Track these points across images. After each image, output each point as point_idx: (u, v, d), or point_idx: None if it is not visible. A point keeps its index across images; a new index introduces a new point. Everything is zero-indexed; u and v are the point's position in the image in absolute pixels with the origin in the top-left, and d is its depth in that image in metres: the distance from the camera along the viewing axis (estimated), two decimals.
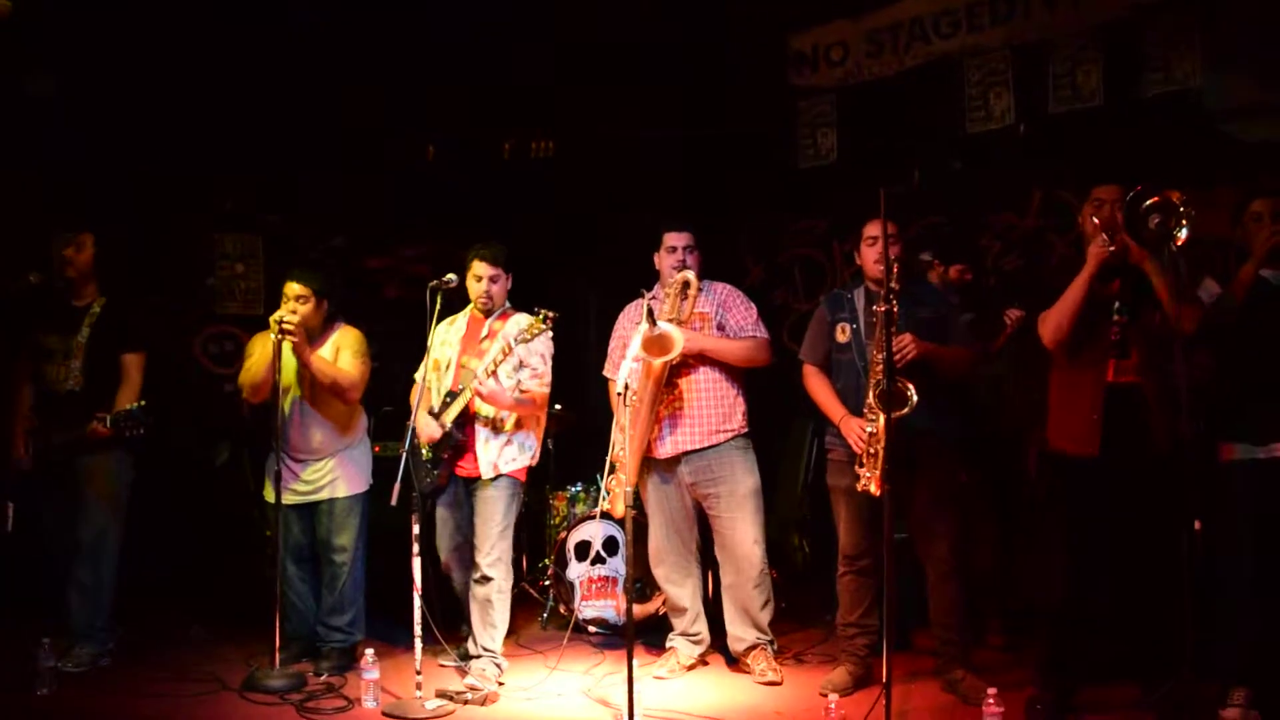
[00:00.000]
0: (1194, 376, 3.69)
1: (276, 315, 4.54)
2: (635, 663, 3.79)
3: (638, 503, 4.84)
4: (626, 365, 4.09)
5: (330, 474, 4.79)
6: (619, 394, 3.88)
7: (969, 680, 4.14)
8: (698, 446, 4.53)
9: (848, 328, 4.33)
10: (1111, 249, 3.69)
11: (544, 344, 4.56)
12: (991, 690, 3.66)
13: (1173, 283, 3.53)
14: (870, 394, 4.02)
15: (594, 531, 5.34)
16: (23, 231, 5.27)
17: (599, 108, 6.65)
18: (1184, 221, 3.43)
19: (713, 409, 4.54)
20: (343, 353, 4.80)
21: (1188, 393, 3.45)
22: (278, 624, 4.48)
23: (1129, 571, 4.07)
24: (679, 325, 4.42)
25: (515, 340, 4.32)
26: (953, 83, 6.11)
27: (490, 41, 6.29)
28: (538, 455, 4.72)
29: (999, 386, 5.00)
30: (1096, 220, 3.84)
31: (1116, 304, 3.79)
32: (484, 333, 4.64)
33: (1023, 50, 5.89)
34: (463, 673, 4.49)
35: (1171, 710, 3.69)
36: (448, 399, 4.53)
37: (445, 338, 4.66)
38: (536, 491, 6.01)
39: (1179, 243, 3.44)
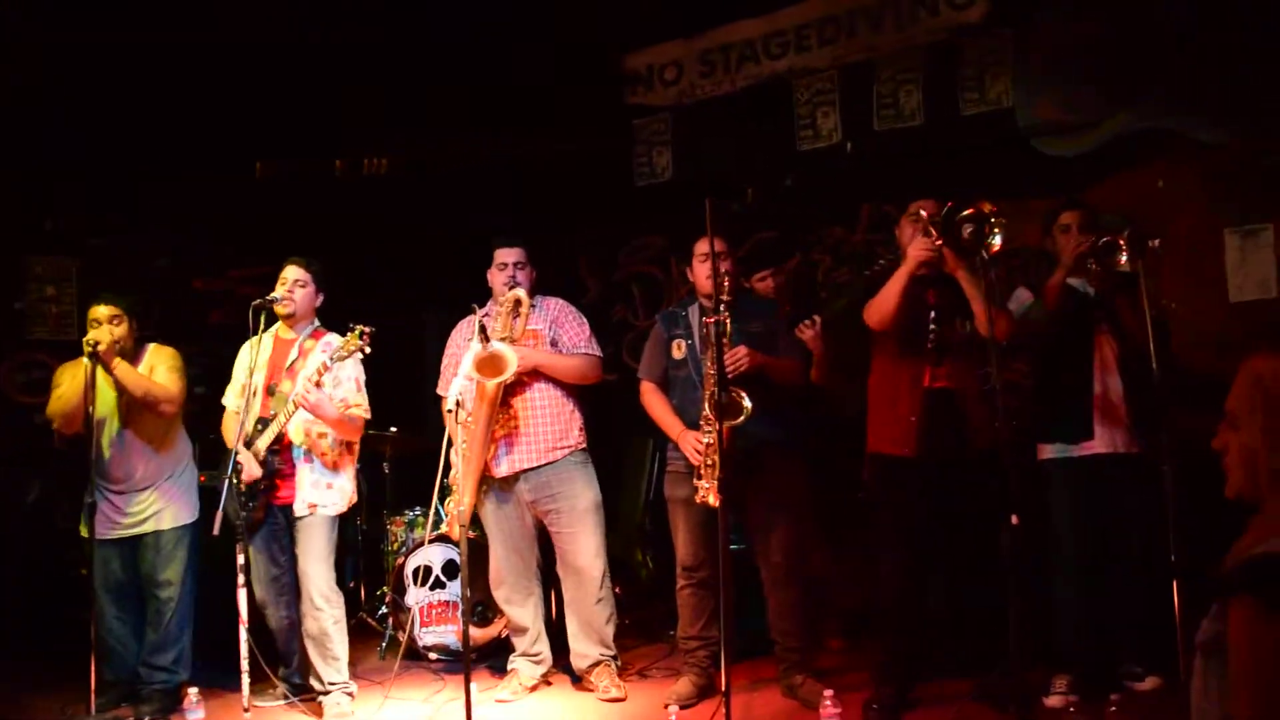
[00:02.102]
0: (1010, 381, 3.86)
1: (89, 338, 4.30)
2: (477, 686, 3.73)
3: (476, 523, 4.77)
4: (458, 382, 4.01)
5: (155, 505, 4.56)
6: (449, 411, 3.80)
7: (808, 684, 4.20)
8: (536, 464, 4.48)
9: (683, 344, 4.37)
10: (930, 250, 3.82)
11: (354, 367, 4.43)
12: (828, 692, 3.73)
13: (985, 291, 3.67)
14: (705, 405, 4.06)
15: (433, 556, 5.22)
16: None
17: (433, 125, 6.57)
18: (996, 230, 3.58)
19: (549, 426, 4.50)
20: (157, 370, 4.59)
21: (1003, 396, 3.59)
22: (93, 668, 4.22)
23: (956, 569, 4.23)
24: (511, 344, 4.37)
25: (333, 358, 4.19)
26: (783, 102, 6.27)
27: (321, 59, 6.13)
28: (354, 497, 4.58)
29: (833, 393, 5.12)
30: (914, 230, 3.99)
31: (932, 313, 3.95)
32: (294, 354, 4.48)
33: (849, 71, 6.08)
34: (303, 710, 4.32)
35: (1001, 700, 3.83)
36: (259, 426, 4.36)
37: (251, 363, 4.41)
38: (373, 518, 5.85)
39: (992, 250, 3.58)
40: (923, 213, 3.91)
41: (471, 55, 6.27)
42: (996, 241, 3.57)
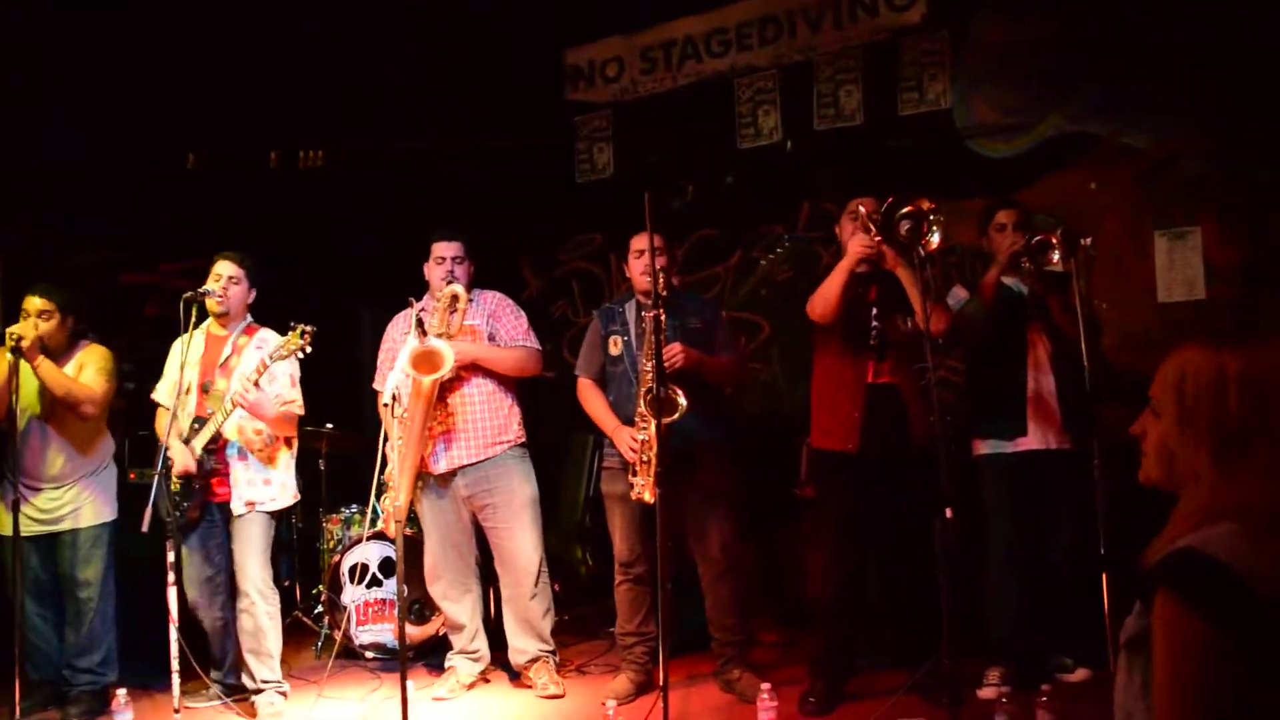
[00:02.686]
0: (944, 378, 3.91)
1: (13, 330, 4.19)
2: (415, 685, 3.70)
3: (415, 521, 4.72)
4: (394, 376, 3.97)
5: (72, 502, 4.45)
6: (385, 405, 3.75)
7: (746, 678, 4.21)
8: (474, 460, 4.45)
9: (619, 340, 4.36)
10: (869, 246, 3.86)
11: (289, 364, 4.35)
12: (765, 686, 3.74)
13: (922, 287, 3.71)
14: (641, 401, 4.05)
15: (369, 553, 5.16)
16: None
17: (372, 118, 6.49)
18: (934, 227, 3.62)
19: (488, 421, 4.47)
20: (86, 369, 4.48)
21: (938, 391, 3.64)
22: (17, 670, 4.11)
23: (893, 561, 4.28)
24: (448, 339, 4.34)
25: (272, 357, 4.12)
26: (724, 100, 6.29)
27: (262, 47, 6.03)
28: (296, 492, 4.53)
29: (770, 390, 5.16)
30: (854, 226, 4.02)
31: (874, 309, 3.99)
32: (227, 350, 4.40)
33: (789, 70, 6.12)
34: (237, 711, 4.25)
35: (933, 692, 3.88)
36: (196, 425, 4.28)
37: (181, 359, 4.32)
38: (309, 515, 5.76)
39: (931, 247, 3.63)
40: (862, 209, 3.95)
41: (411, 50, 6.21)
42: (935, 238, 3.61)
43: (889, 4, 5.80)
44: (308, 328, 4.10)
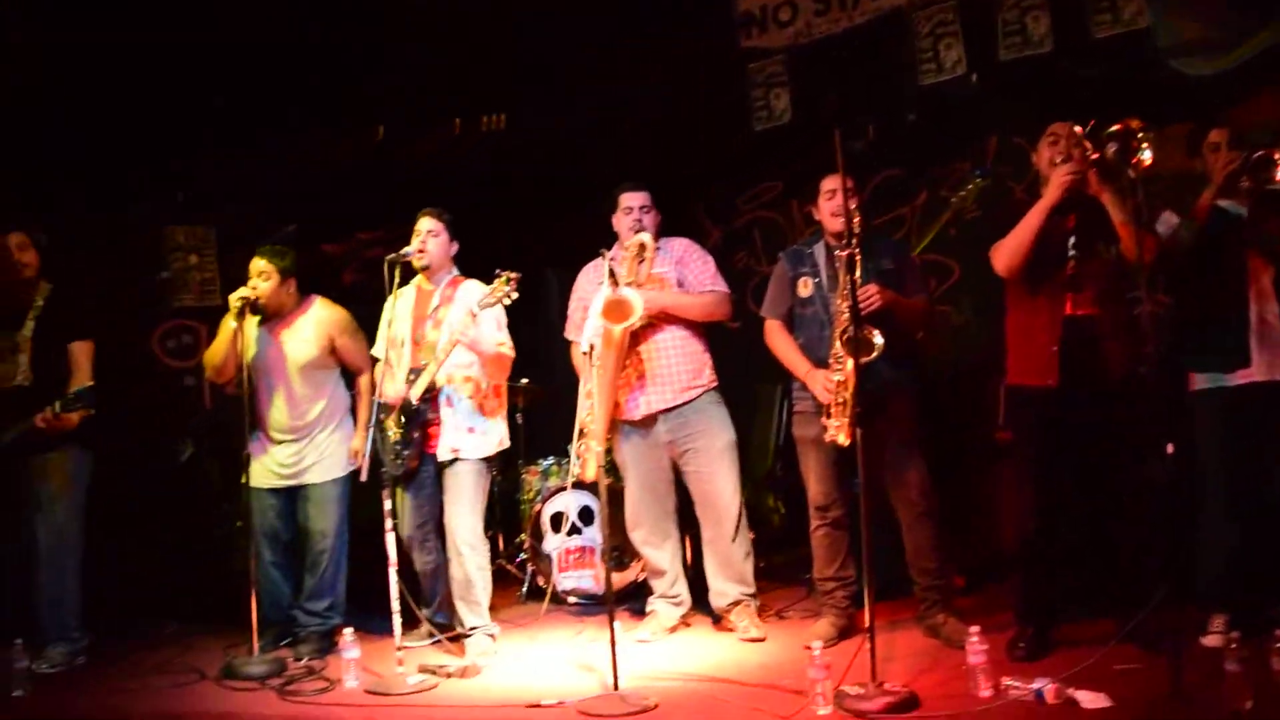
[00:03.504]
0: (1154, 308, 3.72)
1: (236, 293, 4.50)
2: (617, 628, 3.78)
3: (613, 470, 4.82)
4: (590, 324, 4.06)
5: (311, 457, 4.73)
6: (584, 353, 3.84)
7: (951, 624, 4.15)
8: (672, 404, 4.52)
9: (810, 281, 4.32)
10: (1075, 173, 3.69)
11: (496, 311, 4.48)
12: (974, 629, 3.67)
13: (1131, 212, 3.54)
14: (837, 342, 4.02)
15: (568, 502, 5.31)
16: None
17: (551, 77, 6.58)
18: (1145, 145, 3.43)
19: (682, 366, 4.53)
20: (339, 339, 4.78)
21: (1151, 322, 3.47)
22: (254, 610, 4.43)
23: (1098, 501, 4.10)
24: (637, 288, 4.39)
25: (480, 305, 4.26)
26: (903, 36, 6.10)
27: (439, 15, 6.19)
28: (505, 440, 4.67)
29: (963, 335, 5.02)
30: (1053, 153, 3.85)
31: (1072, 239, 3.82)
32: (435, 302, 4.58)
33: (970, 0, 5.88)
34: (448, 649, 4.47)
35: (1152, 639, 3.72)
36: (411, 376, 4.48)
37: (394, 314, 4.57)
38: (508, 468, 5.97)
39: (1144, 165, 3.44)
40: (1076, 129, 3.75)
41: (587, 6, 6.25)
42: (1147, 156, 3.42)
43: None
44: (512, 274, 4.22)
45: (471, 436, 4.50)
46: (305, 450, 4.74)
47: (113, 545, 5.10)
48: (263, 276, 4.65)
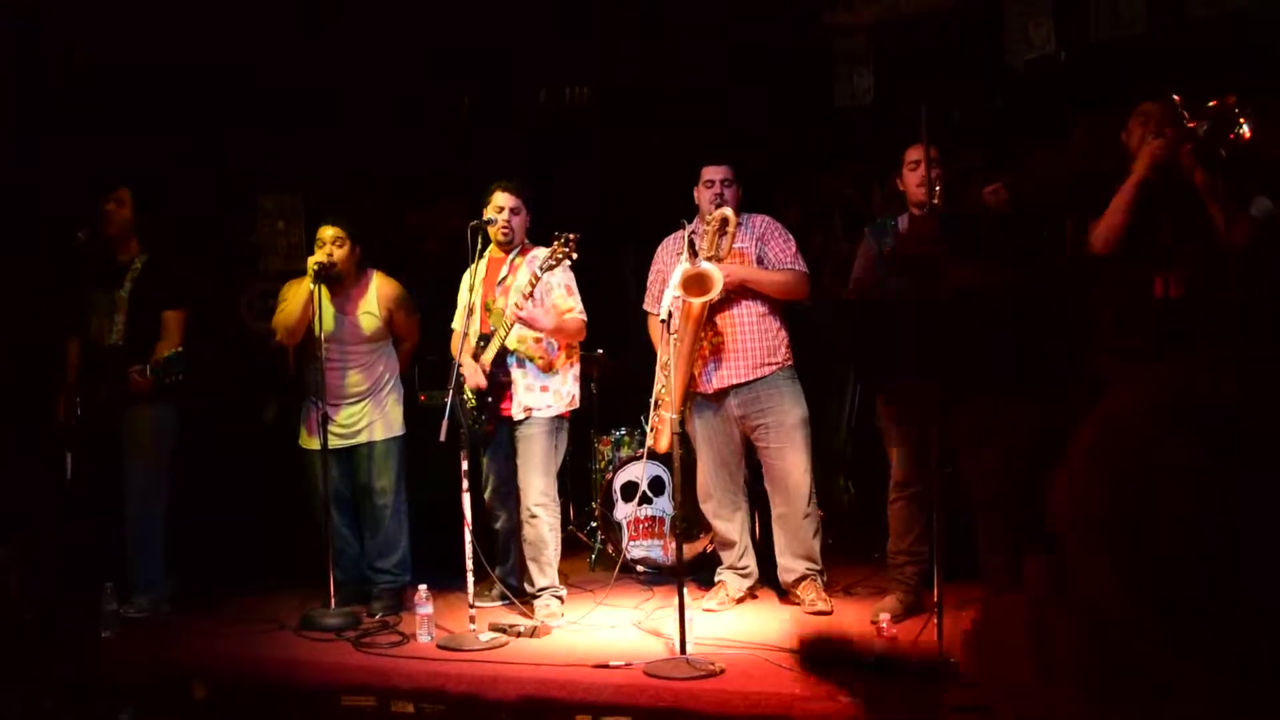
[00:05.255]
0: (1247, 292, 3.63)
1: (314, 259, 4.60)
2: (684, 594, 3.82)
3: (685, 442, 4.85)
4: (669, 294, 4.09)
5: (368, 416, 4.85)
6: (663, 322, 3.87)
7: None
8: (745, 379, 4.53)
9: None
10: (1165, 149, 3.62)
11: (563, 274, 4.55)
12: None
13: (1225, 193, 3.46)
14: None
15: (639, 472, 5.36)
16: (73, 192, 5.33)
17: (635, 50, 6.60)
18: (1244, 120, 3.36)
19: (757, 342, 4.54)
20: (396, 313, 4.90)
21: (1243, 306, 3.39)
22: (330, 565, 4.55)
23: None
24: (717, 262, 4.41)
25: (541, 268, 4.32)
26: (991, 15, 6.00)
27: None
28: (576, 400, 4.73)
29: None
30: (1144, 131, 3.78)
31: (1163, 218, 3.75)
32: (504, 271, 4.66)
33: None
34: (519, 610, 4.56)
35: None
36: (481, 343, 4.57)
37: (469, 283, 4.67)
38: (580, 436, 6.03)
39: (1244, 139, 3.37)
40: (1174, 98, 3.67)
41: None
42: (1246, 130, 3.35)
43: None
44: (571, 235, 4.27)
45: (545, 395, 4.59)
46: (366, 410, 4.86)
47: (199, 497, 5.25)
48: (336, 243, 4.75)
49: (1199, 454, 0.84)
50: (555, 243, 4.30)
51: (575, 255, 4.31)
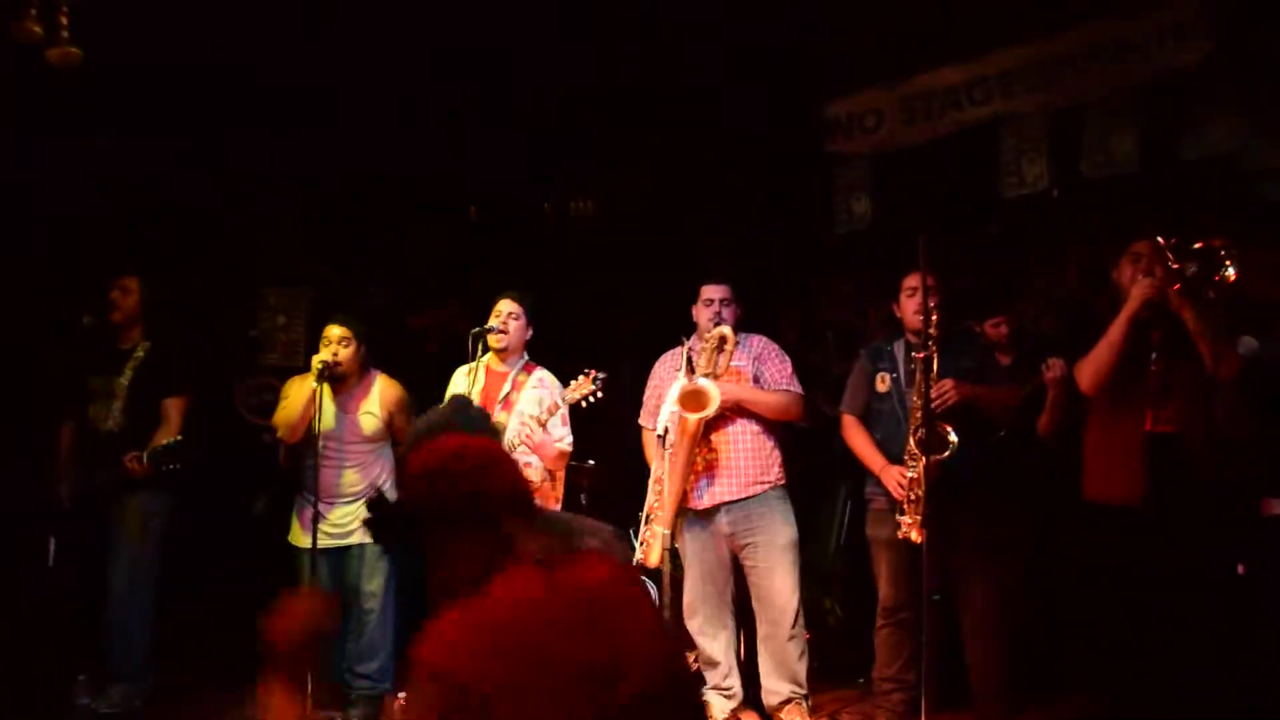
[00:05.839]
0: (1234, 427, 3.68)
1: (319, 357, 4.63)
2: None
3: (675, 558, 4.83)
4: (666, 409, 4.12)
5: (361, 519, 4.82)
6: (659, 436, 3.89)
7: None
8: (737, 497, 4.53)
9: (888, 377, 4.36)
10: (1156, 287, 3.70)
11: (564, 407, 4.61)
12: None
13: (1213, 329, 3.53)
14: (910, 440, 4.03)
15: None
16: (77, 277, 5.40)
17: (640, 168, 6.76)
18: (1229, 262, 3.45)
19: (751, 460, 4.55)
20: (398, 416, 4.90)
21: (1230, 440, 3.43)
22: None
23: (1176, 625, 3.99)
24: (714, 380, 4.46)
25: (564, 399, 4.38)
26: (987, 148, 6.17)
27: (529, 103, 6.40)
28: None
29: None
30: (1135, 270, 3.87)
31: (1154, 354, 3.81)
32: (507, 387, 4.69)
33: (1056, 115, 5.94)
34: None
35: None
36: None
37: (468, 389, 4.65)
38: None
39: (1229, 281, 3.45)
40: (1158, 239, 3.76)
41: (679, 99, 6.43)
42: (1231, 273, 3.44)
43: (1168, 43, 5.54)
44: (600, 374, 4.33)
45: None
46: (354, 511, 4.81)
47: (186, 589, 5.19)
48: (343, 344, 4.78)
49: None
50: (584, 378, 4.37)
51: (600, 395, 4.39)
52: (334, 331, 4.79)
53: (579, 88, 6.36)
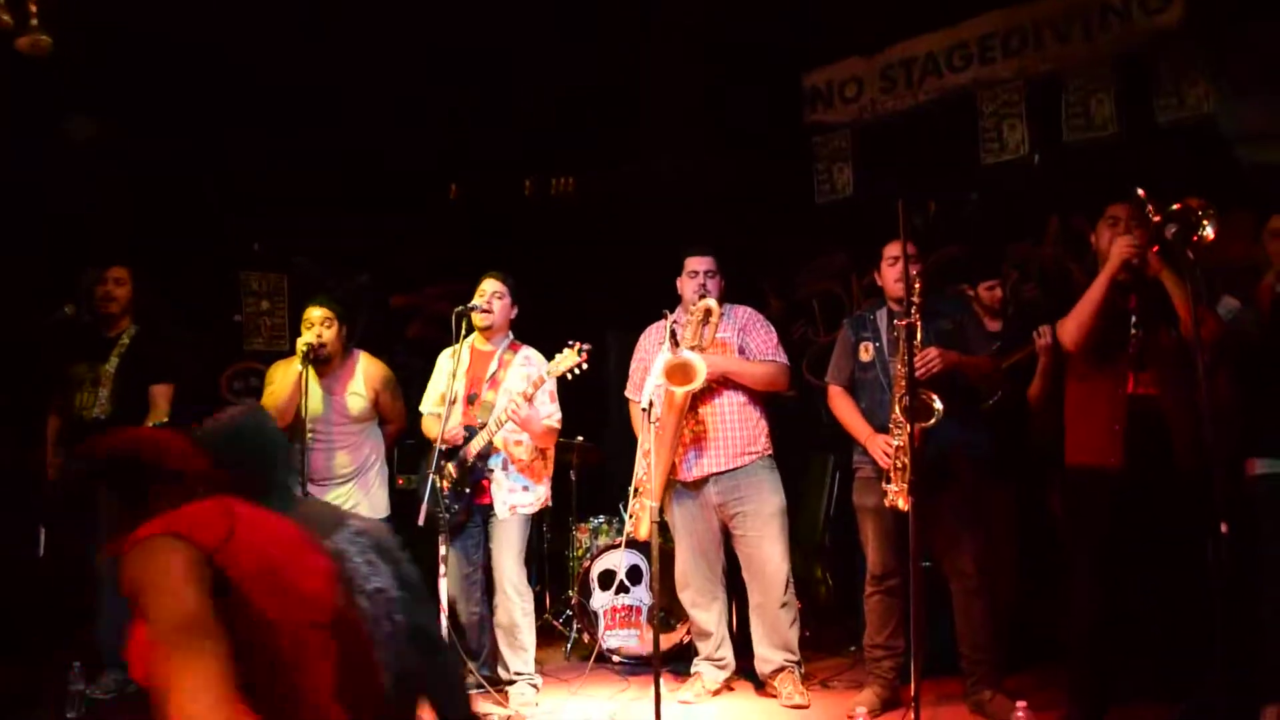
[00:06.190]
0: (1214, 391, 3.69)
1: (303, 339, 4.62)
2: (660, 686, 3.79)
3: (664, 531, 4.86)
4: (650, 383, 4.13)
5: (354, 499, 4.83)
6: (643, 410, 3.91)
7: (997, 700, 4.10)
8: (725, 468, 4.56)
9: (870, 346, 4.37)
10: (1134, 247, 3.71)
11: (551, 381, 4.62)
12: (1021, 704, 3.62)
13: (1191, 293, 3.55)
14: (895, 408, 4.05)
15: (617, 561, 5.34)
16: (59, 266, 5.36)
17: (620, 143, 6.74)
18: (1206, 222, 3.46)
19: (738, 431, 4.57)
20: (382, 394, 4.91)
21: (1209, 405, 3.45)
22: None
23: (1156, 586, 4.05)
24: (700, 352, 4.47)
25: (549, 373, 4.39)
26: (967, 115, 6.18)
27: (517, 80, 6.38)
28: (547, 499, 4.81)
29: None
30: (1112, 234, 3.88)
31: (1134, 318, 3.83)
32: (494, 365, 4.70)
33: (1035, 81, 5.96)
34: (494, 699, 4.50)
35: None
36: (466, 433, 4.58)
37: (451, 369, 4.64)
38: (560, 524, 6.02)
39: (1206, 241, 3.46)
40: (1139, 193, 3.75)
41: (659, 76, 6.42)
42: (1209, 232, 3.45)
43: (1143, 8, 5.56)
44: (585, 345, 4.34)
45: (527, 494, 4.66)
46: (353, 492, 4.84)
47: None
48: (325, 325, 4.77)
49: None
50: (568, 350, 4.37)
51: (585, 367, 4.39)
52: (315, 313, 4.78)
53: (579, 87, 6.34)
